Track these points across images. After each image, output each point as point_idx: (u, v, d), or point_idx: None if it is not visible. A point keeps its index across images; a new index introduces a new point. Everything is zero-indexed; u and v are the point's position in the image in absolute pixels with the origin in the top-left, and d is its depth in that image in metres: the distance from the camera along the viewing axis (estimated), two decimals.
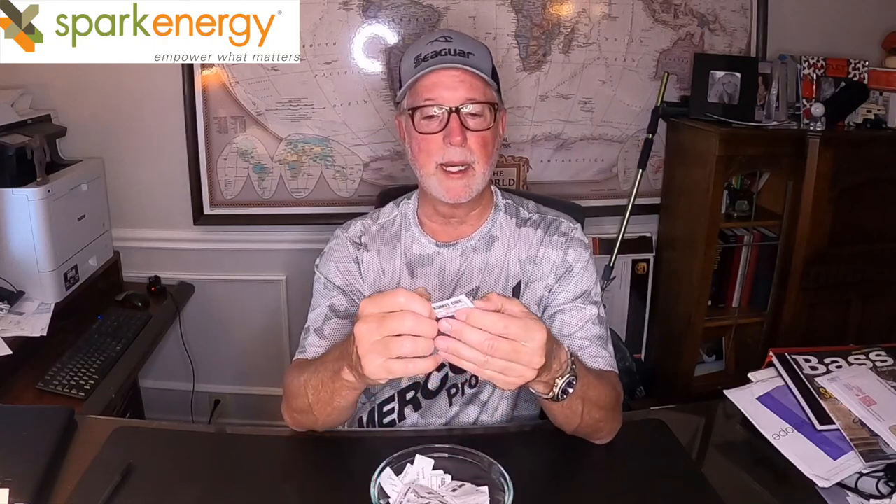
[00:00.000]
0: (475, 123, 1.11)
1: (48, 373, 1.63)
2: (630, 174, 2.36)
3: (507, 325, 0.80)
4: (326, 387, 0.99)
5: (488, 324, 0.79)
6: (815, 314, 2.21)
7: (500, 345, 0.79)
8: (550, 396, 0.94)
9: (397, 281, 1.21)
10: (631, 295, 2.47)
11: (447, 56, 1.11)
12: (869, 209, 2.14)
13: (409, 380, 1.23)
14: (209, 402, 2.49)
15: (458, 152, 1.11)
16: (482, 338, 0.79)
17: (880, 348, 1.22)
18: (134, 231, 2.32)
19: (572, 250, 1.20)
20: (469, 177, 1.13)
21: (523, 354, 0.81)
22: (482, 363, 0.80)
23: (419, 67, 1.12)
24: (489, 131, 1.13)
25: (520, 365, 0.81)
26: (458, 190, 1.13)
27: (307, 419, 1.07)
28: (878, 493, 0.97)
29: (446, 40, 1.13)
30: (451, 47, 1.12)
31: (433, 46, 1.12)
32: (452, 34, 1.15)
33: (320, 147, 2.27)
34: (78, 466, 1.01)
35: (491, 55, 1.18)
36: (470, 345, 0.79)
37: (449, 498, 0.88)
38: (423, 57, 1.12)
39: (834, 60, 2.20)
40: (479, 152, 1.12)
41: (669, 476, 1.03)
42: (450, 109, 1.10)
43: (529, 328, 0.81)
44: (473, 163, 1.12)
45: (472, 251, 1.21)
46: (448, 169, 1.12)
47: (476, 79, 1.11)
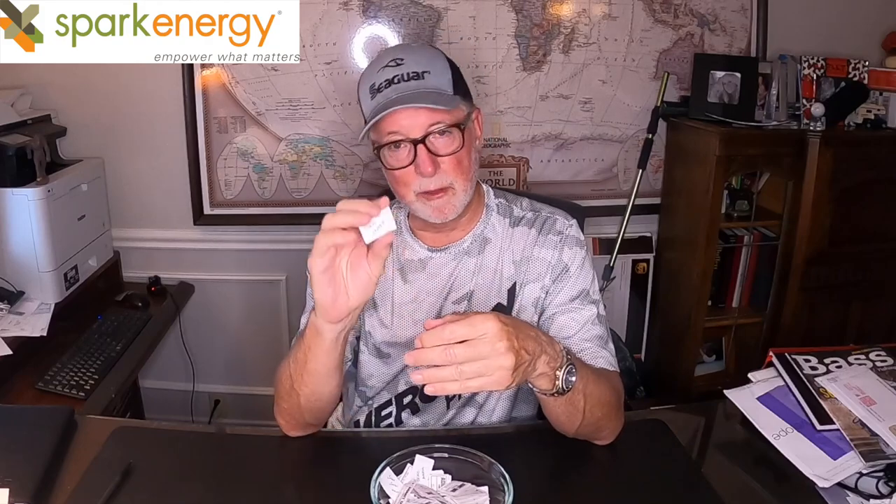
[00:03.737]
0: (444, 146, 1.07)
1: (48, 373, 1.63)
2: (630, 174, 2.36)
3: (452, 329, 0.82)
4: (301, 349, 1.01)
5: (436, 338, 0.82)
6: (815, 314, 2.21)
7: (457, 349, 0.82)
8: (556, 390, 0.93)
9: (390, 286, 1.20)
10: (631, 295, 2.47)
11: (401, 84, 1.05)
12: (869, 209, 2.14)
13: (406, 384, 1.23)
14: (209, 402, 2.49)
15: (433, 181, 1.07)
16: (440, 351, 0.82)
17: (880, 348, 1.22)
18: (134, 231, 2.32)
19: (567, 249, 1.18)
20: (450, 195, 1.09)
21: (482, 346, 0.82)
22: (458, 375, 0.82)
23: (375, 101, 1.07)
24: (462, 149, 1.08)
25: (489, 359, 0.83)
26: (443, 209, 1.10)
27: (291, 403, 1.05)
28: (878, 493, 0.97)
29: (398, 64, 1.07)
30: (404, 72, 1.06)
31: (385, 73, 1.07)
32: (404, 54, 1.09)
33: (320, 147, 2.27)
34: (78, 466, 1.01)
35: (448, 61, 1.11)
36: (436, 363, 0.82)
37: (449, 498, 0.88)
38: (376, 87, 1.07)
39: (834, 60, 2.20)
40: (454, 173, 1.08)
41: (669, 476, 1.03)
42: (415, 141, 1.05)
43: (473, 322, 0.83)
44: (452, 184, 1.09)
45: (464, 254, 1.19)
46: (428, 193, 1.09)
47: (437, 98, 1.05)
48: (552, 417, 1.04)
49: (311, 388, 1.03)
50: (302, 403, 1.04)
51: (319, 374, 1.01)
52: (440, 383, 0.83)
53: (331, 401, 1.07)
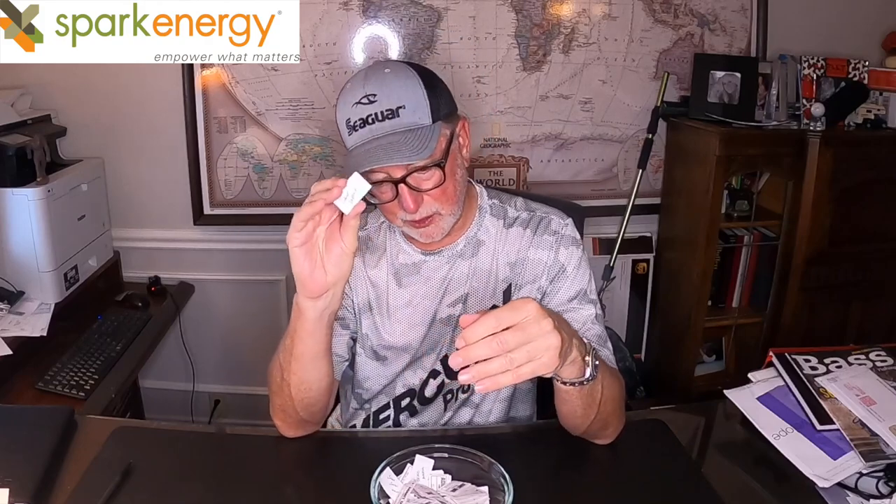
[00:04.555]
0: (426, 183, 1.05)
1: (48, 373, 1.63)
2: (630, 174, 2.36)
3: (498, 317, 0.79)
4: (287, 338, 1.02)
5: (482, 330, 0.79)
6: (815, 314, 2.21)
7: (506, 336, 0.78)
8: (586, 377, 0.92)
9: (385, 290, 1.19)
10: (631, 295, 2.47)
11: (375, 124, 1.02)
12: (869, 209, 2.14)
13: (404, 387, 1.23)
14: (209, 402, 2.49)
15: (417, 213, 1.06)
16: (489, 343, 0.78)
17: (880, 348, 1.22)
18: (134, 231, 2.32)
19: (563, 249, 1.17)
20: (437, 221, 1.09)
21: (530, 328, 0.80)
22: (509, 364, 0.79)
23: (352, 139, 1.04)
24: (445, 181, 1.05)
25: (538, 340, 0.80)
26: (431, 233, 1.10)
27: (283, 398, 1.05)
28: (878, 493, 0.97)
29: (370, 101, 1.02)
30: (377, 111, 1.02)
31: (359, 111, 1.03)
32: (376, 88, 1.03)
33: (320, 147, 2.27)
34: (78, 466, 1.02)
35: (423, 83, 1.04)
36: (484, 357, 0.78)
37: (449, 498, 0.88)
38: (352, 124, 1.04)
39: (834, 60, 2.20)
40: (439, 202, 1.07)
41: (669, 476, 1.03)
42: (395, 181, 1.03)
43: (516, 306, 0.81)
44: (438, 210, 1.08)
45: (458, 257, 1.18)
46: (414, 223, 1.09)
47: (413, 143, 1.01)
48: (567, 411, 1.01)
49: (299, 375, 1.03)
50: (293, 394, 1.04)
51: (305, 359, 1.02)
52: (491, 378, 0.79)
53: (321, 392, 1.06)
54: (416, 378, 1.22)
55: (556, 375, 0.91)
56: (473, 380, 0.79)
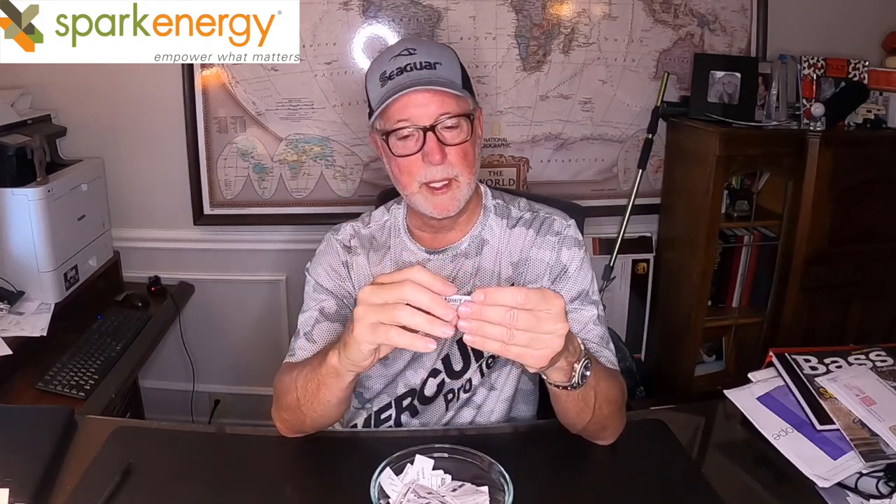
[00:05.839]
0: (452, 137, 1.08)
1: (48, 373, 1.63)
2: (630, 174, 2.36)
3: (526, 295, 0.79)
4: (313, 377, 0.99)
5: (507, 298, 0.78)
6: (815, 314, 2.21)
7: (521, 315, 0.78)
8: (571, 384, 0.92)
9: None
10: (631, 295, 2.47)
11: (413, 72, 1.06)
12: (869, 209, 2.14)
13: (405, 386, 1.23)
14: (209, 402, 2.49)
15: (439, 170, 1.08)
16: (503, 311, 0.78)
17: (880, 348, 1.22)
18: (134, 231, 2.32)
19: (566, 250, 1.17)
20: (454, 189, 1.10)
21: (546, 322, 0.79)
22: (507, 338, 0.78)
23: (385, 88, 1.07)
24: (468, 141, 1.10)
25: (545, 334, 0.80)
26: (445, 204, 1.10)
27: (295, 417, 1.05)
28: (878, 493, 0.97)
29: (410, 53, 1.08)
30: (417, 60, 1.07)
31: (397, 62, 1.08)
32: (416, 44, 1.10)
33: (320, 147, 2.27)
34: (78, 466, 1.02)
35: (457, 56, 1.13)
36: (492, 322, 0.78)
37: (449, 498, 0.88)
38: (388, 74, 1.08)
39: (834, 60, 2.19)
40: (460, 165, 1.09)
41: (669, 476, 1.03)
42: (425, 128, 1.06)
43: (547, 296, 0.80)
44: (457, 176, 1.09)
45: (462, 256, 1.19)
46: (432, 185, 1.09)
47: (447, 93, 1.07)
48: (561, 411, 1.03)
49: (320, 412, 1.03)
50: (307, 422, 1.05)
51: (331, 404, 1.02)
52: (482, 338, 0.79)
53: (337, 418, 1.08)
54: (417, 377, 1.22)
55: (542, 373, 0.92)
56: (468, 330, 0.79)
